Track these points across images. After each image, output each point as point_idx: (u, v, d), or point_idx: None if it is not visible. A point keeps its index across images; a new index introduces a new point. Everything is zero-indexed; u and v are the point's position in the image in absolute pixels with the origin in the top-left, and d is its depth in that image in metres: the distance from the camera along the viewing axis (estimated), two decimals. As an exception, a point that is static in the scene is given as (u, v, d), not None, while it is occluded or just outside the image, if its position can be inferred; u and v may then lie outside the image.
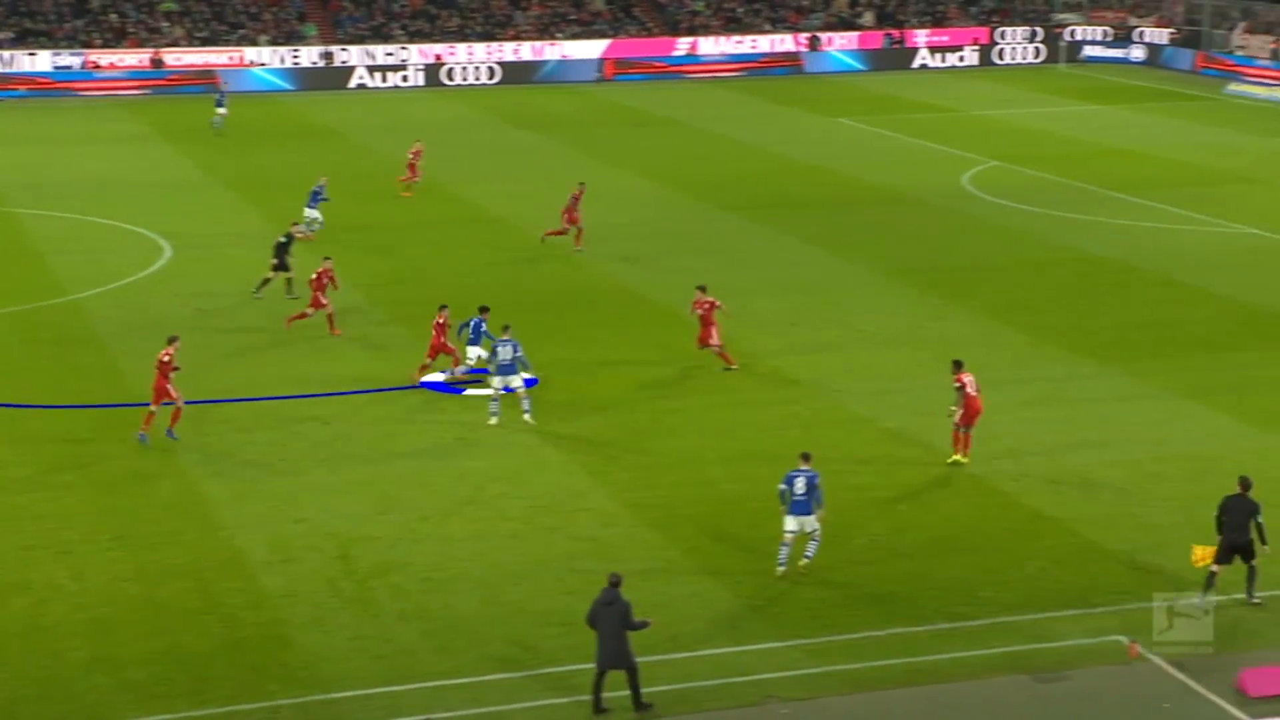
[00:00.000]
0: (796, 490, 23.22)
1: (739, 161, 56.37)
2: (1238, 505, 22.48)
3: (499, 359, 29.61)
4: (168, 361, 28.66)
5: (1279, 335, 34.88)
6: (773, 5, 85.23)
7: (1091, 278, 39.94)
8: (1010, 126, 63.95)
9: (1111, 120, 65.10)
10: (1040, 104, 69.86)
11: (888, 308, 37.43)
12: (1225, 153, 57.21)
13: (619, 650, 19.80)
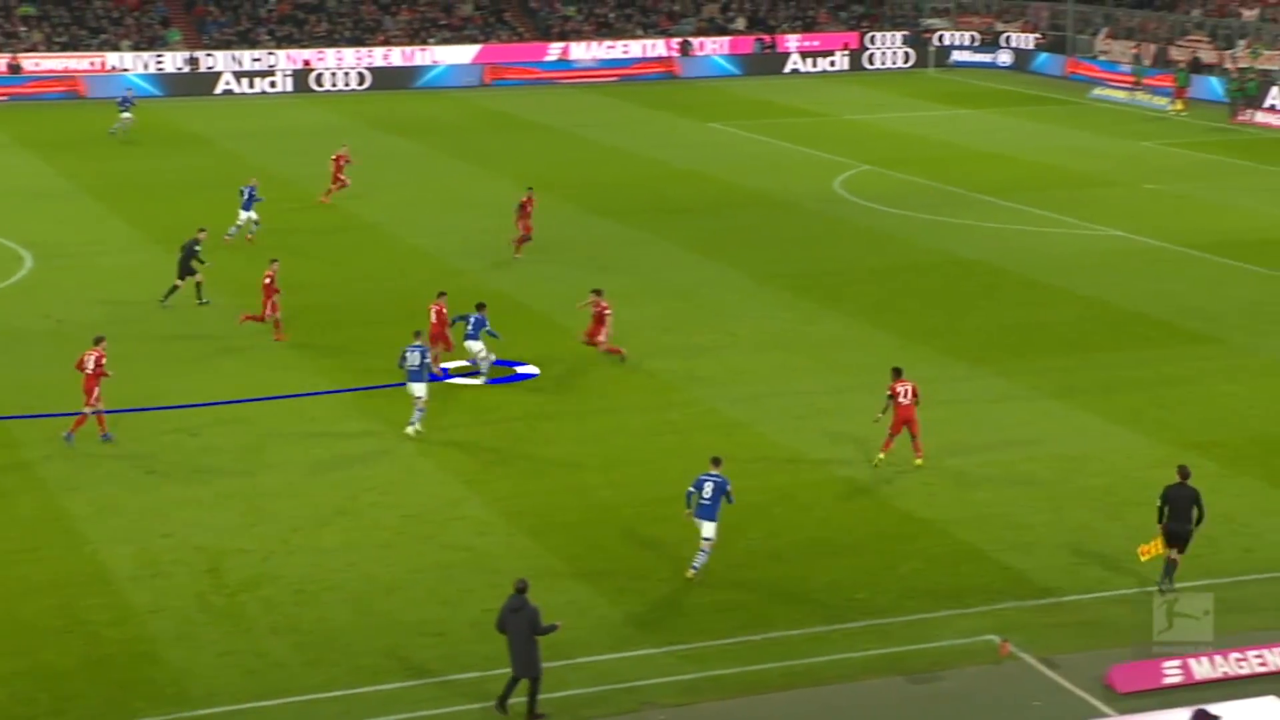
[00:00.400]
0: (704, 494, 23.36)
1: (613, 167, 56.42)
2: (1180, 494, 22.90)
3: (408, 365, 29.40)
4: (99, 364, 28.72)
5: (1143, 335, 35.58)
6: (644, 10, 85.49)
7: (961, 280, 40.48)
8: (881, 131, 64.66)
9: (980, 124, 66.09)
10: (910, 108, 70.74)
11: (761, 312, 37.64)
12: (1090, 156, 58.29)
13: (529, 657, 19.72)
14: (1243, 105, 66.50)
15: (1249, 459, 27.90)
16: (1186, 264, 41.98)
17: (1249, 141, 61.74)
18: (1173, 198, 50.56)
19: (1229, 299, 38.44)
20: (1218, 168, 55.99)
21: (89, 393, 28.83)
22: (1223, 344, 34.77)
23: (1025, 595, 22.88)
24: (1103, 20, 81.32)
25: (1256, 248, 43.35)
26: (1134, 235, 45.05)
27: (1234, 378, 32.45)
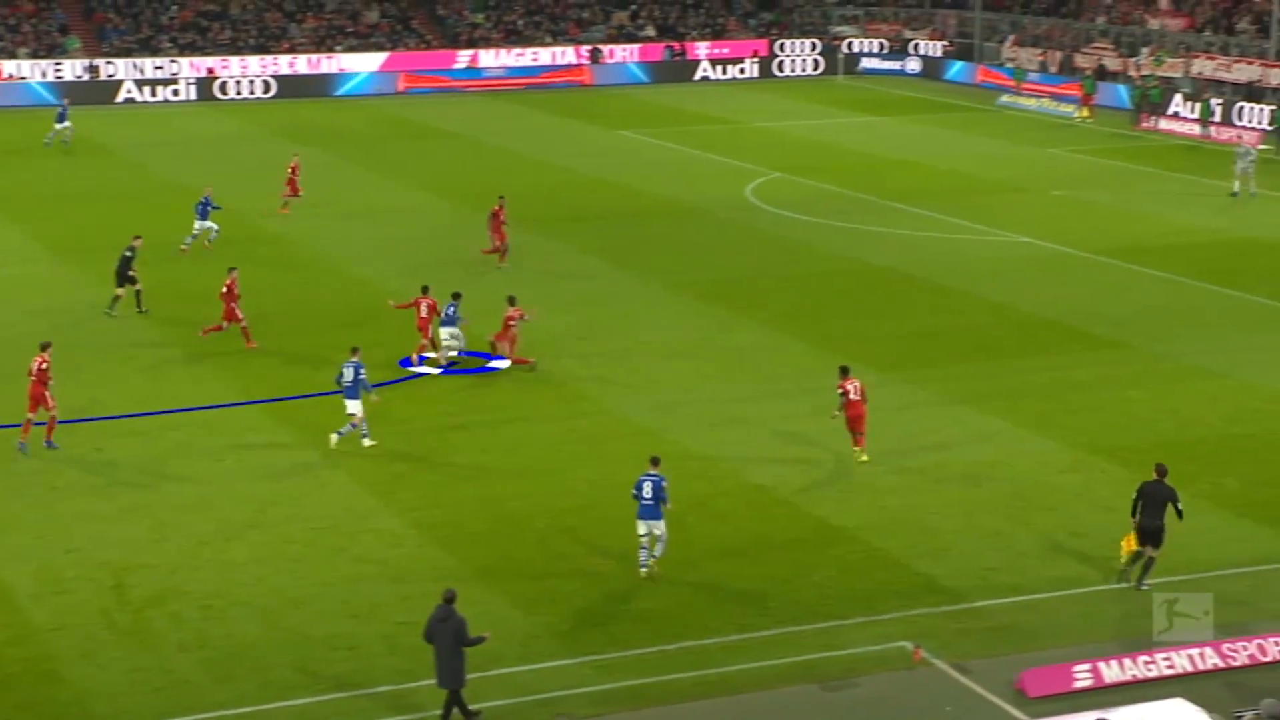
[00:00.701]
0: (644, 495, 23.71)
1: (523, 175, 56.35)
2: (1155, 491, 23.27)
3: (343, 380, 29.34)
4: (45, 369, 28.67)
5: (1052, 341, 36.01)
6: (553, 18, 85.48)
7: (872, 287, 40.80)
8: (792, 138, 65.05)
9: (889, 131, 66.66)
10: (820, 115, 71.23)
11: (673, 319, 37.74)
12: (998, 163, 58.96)
13: (454, 668, 19.63)
14: (1147, 112, 67.53)
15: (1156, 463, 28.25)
16: (1093, 269, 42.56)
17: (1153, 148, 62.70)
18: (1079, 204, 51.24)
19: (1135, 304, 39.02)
20: (1123, 174, 56.83)
21: (36, 399, 28.73)
22: (1129, 349, 35.28)
23: (937, 601, 23.08)
24: (1009, 28, 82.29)
25: (1161, 253, 44.04)
26: (1042, 241, 45.61)
27: (1141, 383, 32.94)
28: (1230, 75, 68.78)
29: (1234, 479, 27.55)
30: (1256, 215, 49.27)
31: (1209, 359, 34.34)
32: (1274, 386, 32.40)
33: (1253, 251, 44.53)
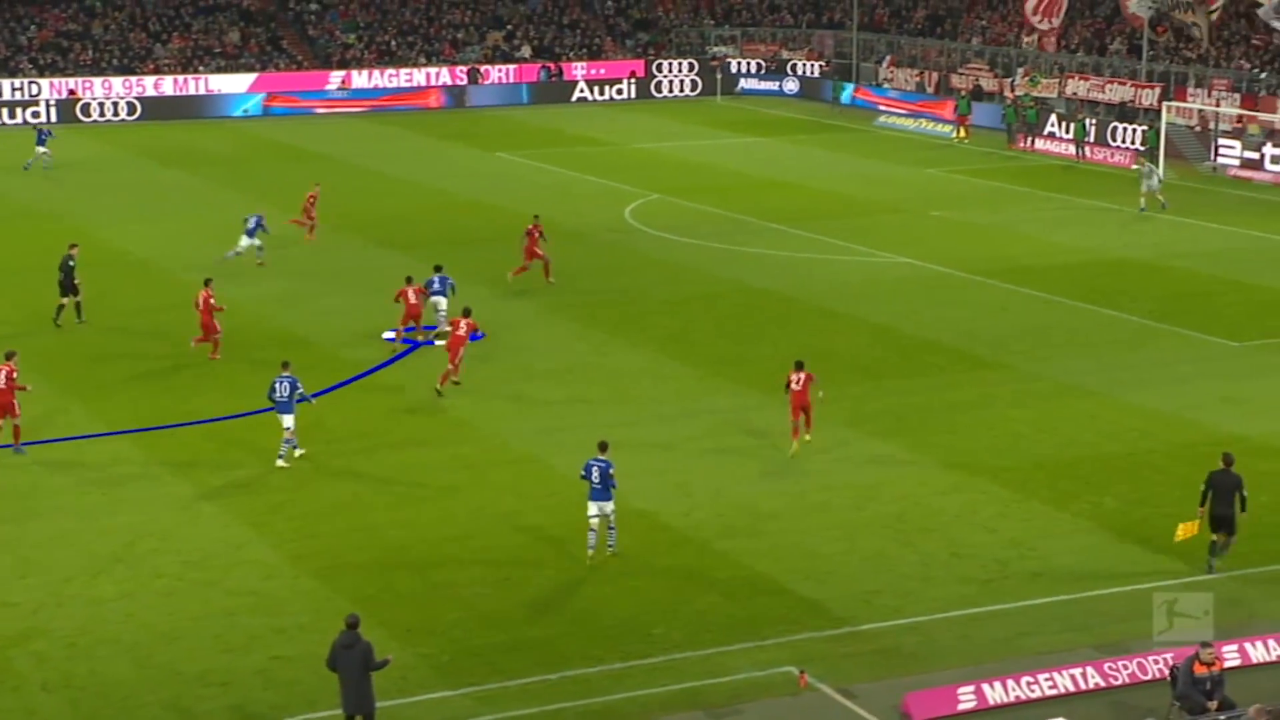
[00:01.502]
0: (594, 479, 25.06)
1: (397, 198, 56.13)
2: (1223, 480, 24.35)
3: (276, 396, 29.55)
4: (13, 378, 29.27)
5: (933, 362, 36.49)
6: (427, 38, 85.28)
7: (754, 309, 41.10)
8: (670, 159, 65.42)
9: (768, 152, 67.25)
10: (699, 136, 71.70)
11: (553, 344, 37.75)
12: (877, 183, 59.70)
13: (362, 694, 19.43)
14: (1022, 133, 68.74)
15: (1036, 483, 28.78)
16: (972, 290, 43.20)
17: (1029, 168, 63.82)
18: (958, 224, 52.02)
19: (1014, 324, 39.67)
20: (1000, 194, 57.79)
21: (6, 406, 29.42)
22: (1009, 369, 35.84)
23: (821, 625, 23.26)
24: (886, 48, 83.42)
25: (1039, 273, 44.82)
26: (921, 262, 46.22)
27: (1021, 403, 33.47)
28: (1104, 96, 70.27)
29: (1112, 498, 28.08)
30: (1131, 235, 50.33)
31: (1087, 378, 34.99)
32: (1150, 405, 33.09)
33: (1128, 271, 45.47)
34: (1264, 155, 61.08)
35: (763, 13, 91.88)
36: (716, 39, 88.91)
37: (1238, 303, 41.74)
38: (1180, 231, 50.87)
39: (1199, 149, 63.23)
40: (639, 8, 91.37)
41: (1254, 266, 45.79)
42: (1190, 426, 31.77)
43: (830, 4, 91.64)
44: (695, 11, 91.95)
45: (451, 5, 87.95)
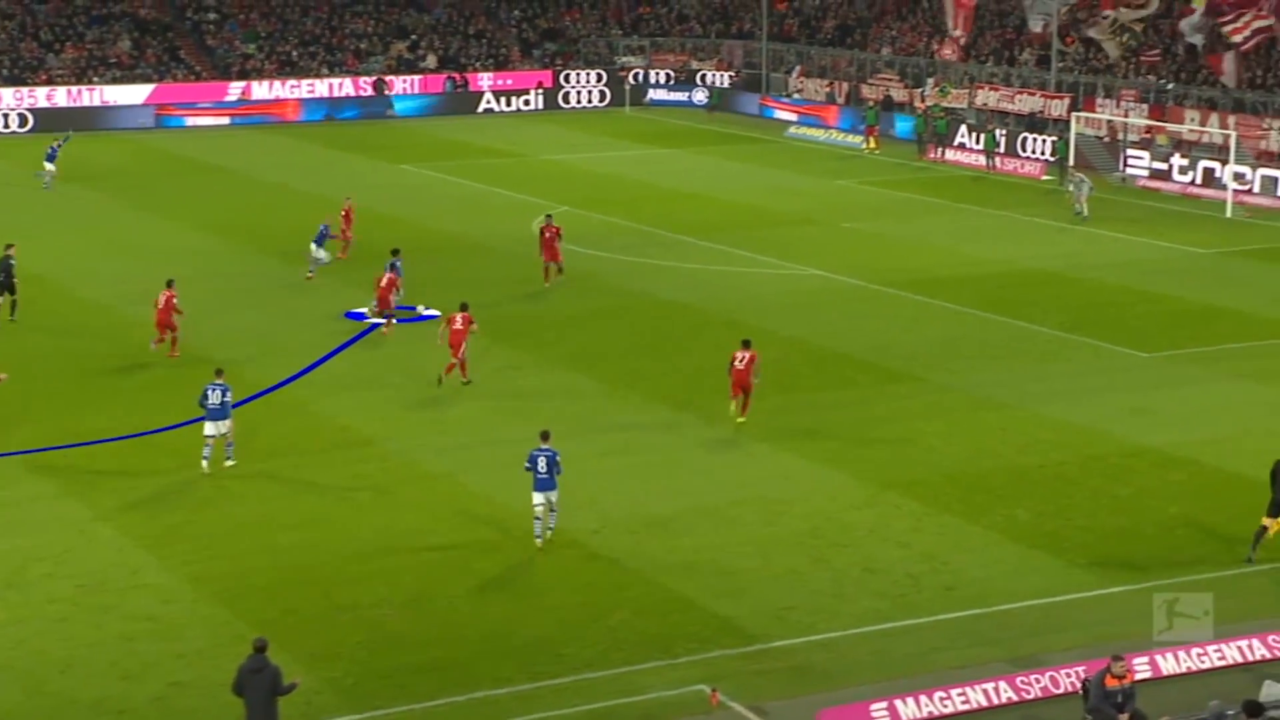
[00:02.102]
0: (539, 469, 26.12)
1: (299, 211, 55.77)
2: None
3: (209, 403, 29.75)
4: None
5: (845, 375, 36.72)
6: (329, 48, 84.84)
7: (664, 323, 41.19)
8: (579, 171, 65.45)
9: (678, 164, 67.48)
10: (608, 148, 71.80)
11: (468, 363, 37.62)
12: (787, 195, 60.05)
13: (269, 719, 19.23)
14: (933, 143, 69.40)
15: (949, 497, 29.03)
16: (884, 302, 43.53)
17: (939, 179, 64.46)
18: (869, 236, 52.42)
19: (926, 336, 40.01)
20: (911, 205, 58.31)
21: None
22: (921, 382, 36.14)
23: (734, 643, 23.33)
24: (796, 58, 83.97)
25: (950, 284, 45.25)
26: (833, 274, 46.53)
27: (933, 415, 33.76)
28: (1014, 106, 71.08)
29: (1025, 510, 28.38)
30: (1042, 246, 50.91)
31: (999, 390, 35.36)
32: (1062, 417, 33.47)
33: (1039, 282, 46.00)
34: (1172, 166, 62.04)
35: (671, 23, 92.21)
36: (625, 49, 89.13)
37: (1147, 314, 42.35)
38: (1090, 242, 51.56)
39: (1108, 159, 64.12)
40: (546, 18, 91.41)
41: (1162, 277, 46.49)
42: (1101, 438, 32.18)
43: (739, 14, 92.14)
44: (603, 22, 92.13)
45: (354, 15, 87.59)
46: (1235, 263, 48.86)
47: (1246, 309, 42.56)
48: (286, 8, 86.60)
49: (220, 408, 29.89)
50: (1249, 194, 58.35)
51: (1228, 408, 34.15)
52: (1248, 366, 37.14)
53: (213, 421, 29.92)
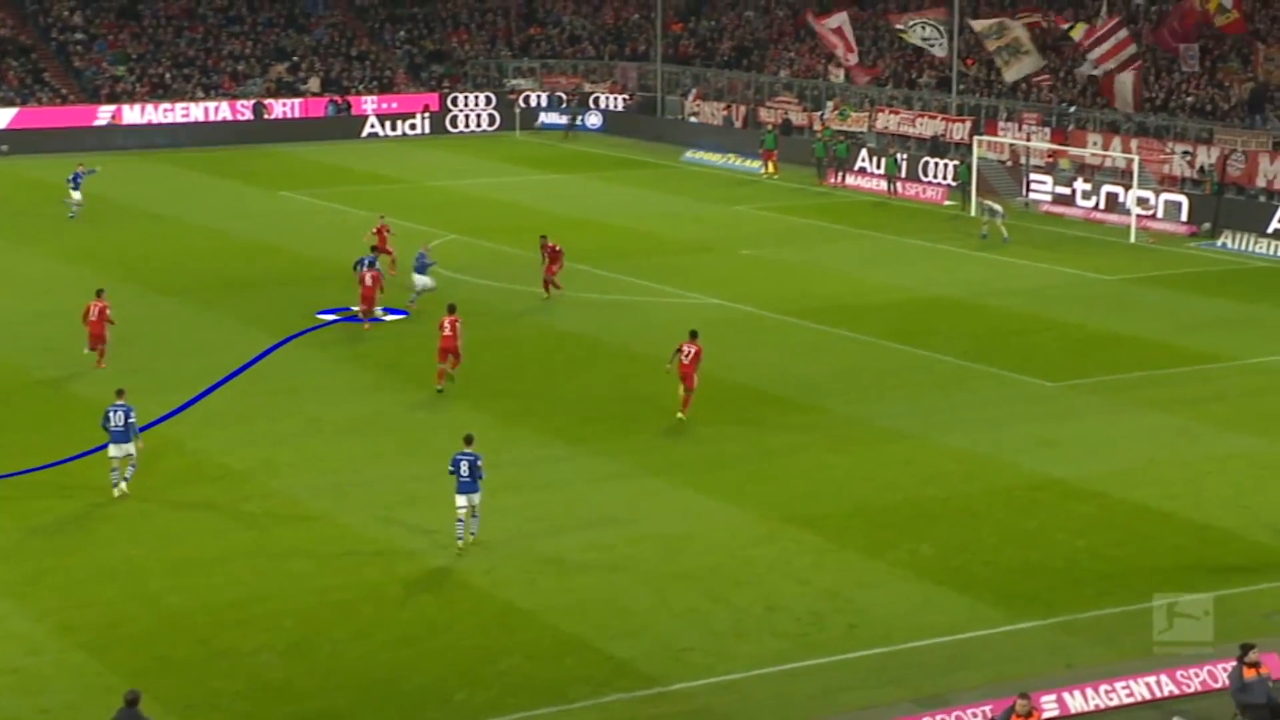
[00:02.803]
0: (462, 472, 27.41)
1: (173, 241, 55.25)
2: None
3: (111, 425, 29.76)
4: None
5: (744, 407, 36.85)
6: (205, 70, 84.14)
7: (557, 354, 41.16)
8: (468, 197, 65.36)
9: (571, 189, 67.57)
10: (498, 173, 71.76)
11: (344, 393, 37.39)
12: (685, 221, 60.29)
13: None
14: (833, 168, 70.00)
15: (852, 531, 29.19)
16: (785, 331, 43.80)
17: (840, 205, 65.01)
18: (769, 264, 52.72)
19: (828, 366, 40.28)
20: (811, 232, 58.73)
21: None
22: (823, 413, 36.36)
23: (631, 686, 23.29)
24: (692, 81, 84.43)
25: (852, 312, 45.60)
26: (732, 303, 46.73)
27: (835, 447, 33.96)
28: (915, 130, 71.91)
29: (930, 545, 28.58)
30: (945, 273, 51.45)
31: (902, 421, 35.64)
32: (967, 448, 33.79)
33: (943, 310, 46.49)
34: (1075, 190, 63.02)
35: (563, 44, 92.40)
36: (515, 71, 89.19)
37: (1052, 341, 42.91)
38: (994, 269, 52.19)
39: (1011, 184, 64.97)
40: (432, 39, 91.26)
41: (1067, 304, 47.14)
42: (1007, 469, 32.52)
43: (633, 35, 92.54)
44: (492, 43, 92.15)
45: (231, 35, 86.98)
46: (1139, 289, 49.68)
47: (1151, 336, 43.25)
48: (159, 28, 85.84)
49: (124, 430, 29.86)
50: (1153, 219, 59.36)
51: (1134, 438, 34.65)
52: (1153, 395, 37.72)
53: (117, 444, 29.96)
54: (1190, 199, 59.62)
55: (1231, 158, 59.92)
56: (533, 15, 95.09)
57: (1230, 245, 56.04)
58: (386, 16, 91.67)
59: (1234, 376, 39.59)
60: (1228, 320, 45.49)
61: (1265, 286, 50.22)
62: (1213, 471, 32.28)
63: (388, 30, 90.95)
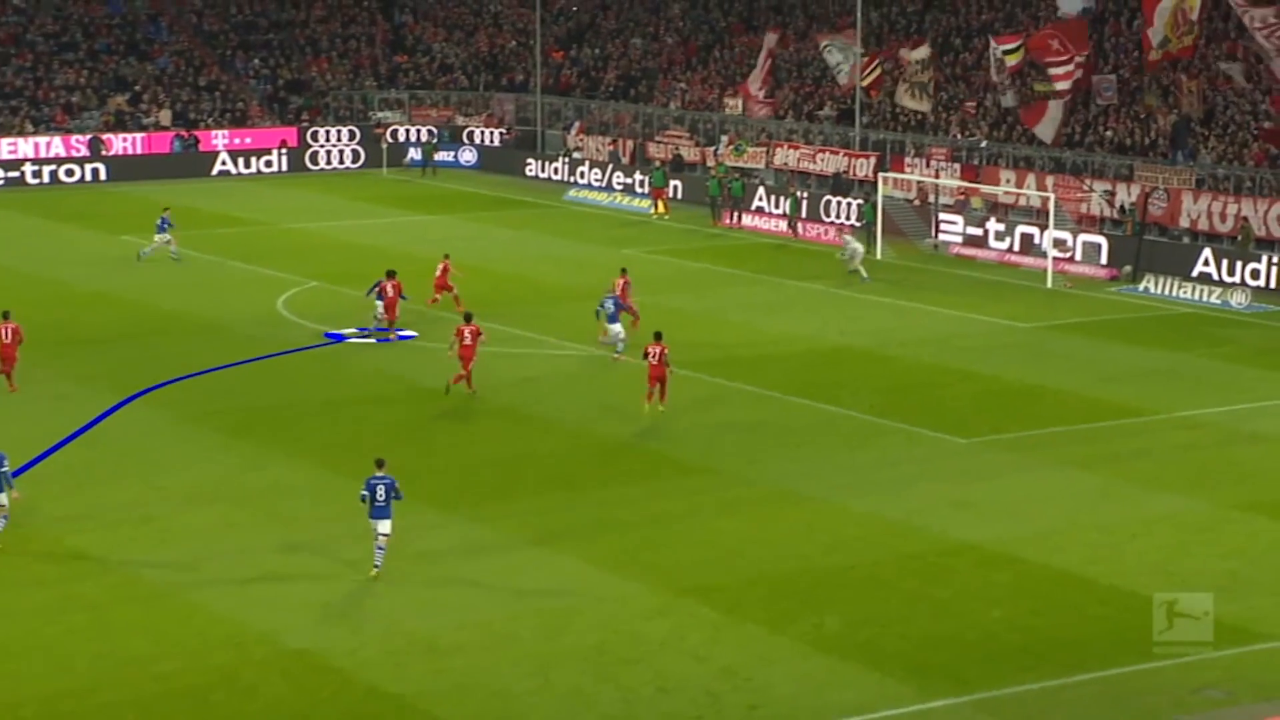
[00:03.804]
0: (377, 496, 29.51)
1: (2, 290, 54.49)
2: None
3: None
4: None
5: (633, 468, 36.84)
6: (33, 102, 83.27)
7: (429, 412, 41.00)
8: (330, 241, 65.11)
9: (443, 231, 67.46)
10: (363, 215, 71.57)
11: (193, 458, 37.01)
12: (566, 266, 60.37)
13: None
14: (728, 208, 70.37)
15: (751, 603, 29.22)
16: (677, 385, 43.68)
17: (736, 247, 65.41)
18: (660, 311, 52.77)
19: (723, 423, 40.40)
20: (705, 277, 59.03)
21: None
22: (718, 474, 36.44)
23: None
24: (575, 113, 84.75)
25: (749, 364, 45.83)
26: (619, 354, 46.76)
27: (733, 511, 34.03)
28: (816, 166, 72.51)
29: (835, 617, 28.68)
30: (849, 321, 51.85)
31: (804, 482, 35.80)
32: (874, 511, 33.96)
33: (847, 361, 46.85)
34: (987, 231, 63.75)
35: (433, 73, 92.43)
36: (381, 103, 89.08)
37: (965, 394, 43.35)
38: (902, 317, 52.68)
39: (919, 225, 65.61)
40: (290, 68, 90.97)
41: (980, 354, 47.66)
42: (918, 534, 32.73)
43: (510, 64, 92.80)
44: (355, 72, 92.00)
45: (64, 64, 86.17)
46: (1057, 337, 50.33)
47: (1070, 388, 43.79)
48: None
49: None
50: (1070, 262, 60.18)
51: (1053, 498, 35.01)
52: (1073, 452, 38.16)
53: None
54: (1110, 240, 60.54)
55: (1153, 196, 60.77)
56: (400, 42, 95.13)
57: (1153, 290, 56.90)
58: (238, 43, 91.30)
59: (1159, 431, 40.16)
60: (1152, 370, 46.18)
61: (1190, 334, 51.06)
62: (1138, 534, 32.68)
63: (240, 58, 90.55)
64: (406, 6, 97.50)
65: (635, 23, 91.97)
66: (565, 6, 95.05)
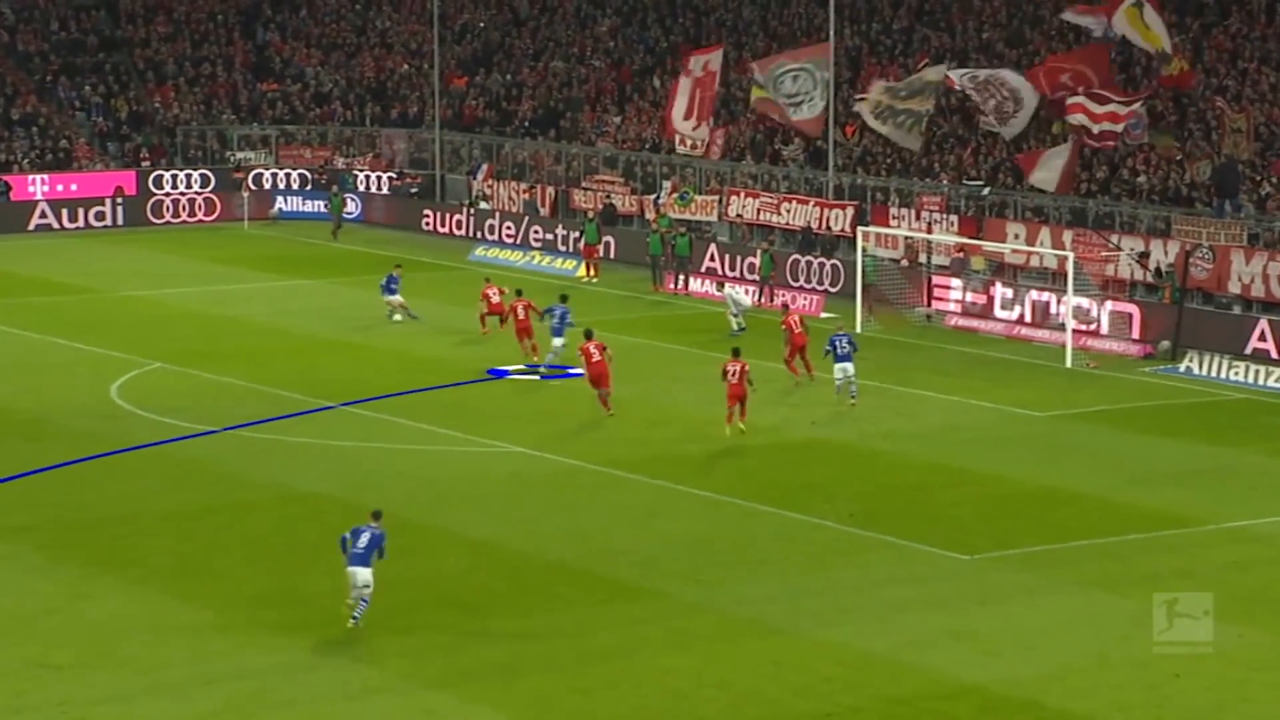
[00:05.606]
0: (359, 543, 33.35)
1: None
2: None
3: None
4: None
5: (558, 592, 36.70)
6: None
7: (301, 523, 40.82)
8: (178, 311, 64.93)
9: (320, 300, 67.39)
10: (218, 279, 71.43)
11: (5, 585, 36.74)
12: (473, 342, 60.26)
13: None
14: (671, 269, 70.37)
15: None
16: (612, 489, 43.86)
17: (681, 317, 65.55)
18: (590, 397, 52.83)
19: (669, 535, 40.35)
20: (645, 354, 59.01)
21: None
22: (663, 599, 36.37)
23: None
24: (481, 154, 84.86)
25: (699, 463, 45.87)
26: (540, 452, 46.76)
27: (678, 646, 33.94)
28: (780, 218, 72.58)
29: (809, 777, 28.67)
30: (822, 410, 51.88)
31: (768, 608, 35.76)
32: (855, 644, 33.90)
33: (823, 458, 46.84)
34: (992, 298, 63.76)
35: (307, 104, 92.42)
36: (242, 141, 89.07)
37: (965, 500, 43.41)
38: (888, 403, 52.79)
39: (908, 290, 65.44)
40: (127, 98, 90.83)
41: (984, 450, 47.77)
42: (909, 672, 32.69)
43: (402, 93, 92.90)
44: (209, 103, 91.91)
45: None
46: (1078, 429, 50.52)
47: (1094, 492, 43.90)
48: None
49: None
50: (1094, 335, 60.33)
51: (1075, 629, 35.01)
52: (1098, 571, 38.23)
53: None
54: (1143, 309, 60.75)
55: (1196, 255, 60.67)
56: (265, 66, 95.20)
57: (1196, 370, 56.91)
58: (61, 67, 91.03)
59: (1205, 545, 40.26)
60: (1195, 470, 46.36)
61: (1243, 425, 51.29)
62: (1181, 673, 32.68)
63: (63, 85, 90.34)
64: (272, 22, 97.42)
65: (556, 42, 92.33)
66: (470, 22, 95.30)
